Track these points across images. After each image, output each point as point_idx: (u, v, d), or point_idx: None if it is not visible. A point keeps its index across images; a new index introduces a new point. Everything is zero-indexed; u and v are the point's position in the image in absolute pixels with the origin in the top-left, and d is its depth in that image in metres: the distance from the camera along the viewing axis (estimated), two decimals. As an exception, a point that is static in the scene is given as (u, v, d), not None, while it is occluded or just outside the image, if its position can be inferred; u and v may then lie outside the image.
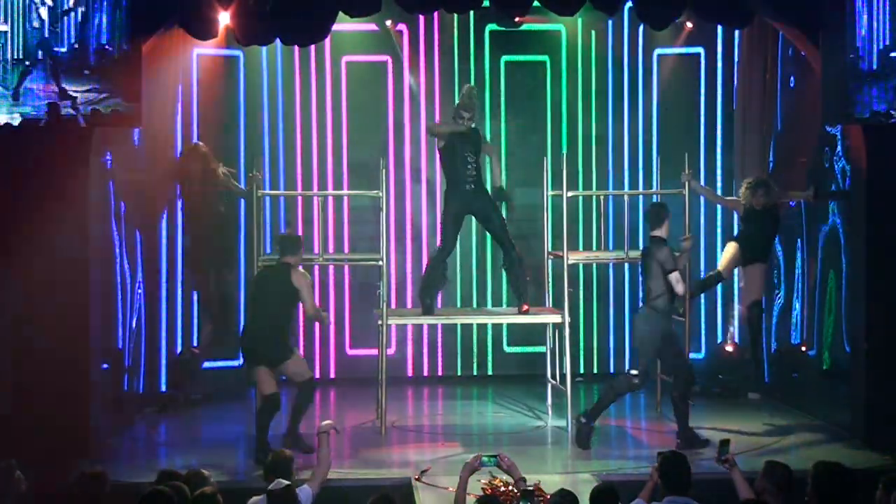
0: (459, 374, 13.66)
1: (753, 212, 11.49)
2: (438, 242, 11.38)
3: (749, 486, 6.95)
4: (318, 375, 12.94)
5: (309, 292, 10.08)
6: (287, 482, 7.14)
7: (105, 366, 10.66)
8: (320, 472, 7.75)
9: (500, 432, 11.18)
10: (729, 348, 12.97)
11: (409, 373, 13.58)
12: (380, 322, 10.97)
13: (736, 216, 12.88)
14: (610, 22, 13.41)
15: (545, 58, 13.67)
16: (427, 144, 13.55)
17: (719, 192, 13.19)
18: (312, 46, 12.99)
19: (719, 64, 13.33)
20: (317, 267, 12.91)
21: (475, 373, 13.70)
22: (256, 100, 13.24)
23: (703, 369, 12.70)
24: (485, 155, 11.47)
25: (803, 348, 11.87)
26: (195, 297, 12.60)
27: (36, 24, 9.68)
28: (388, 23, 13.00)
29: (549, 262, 11.93)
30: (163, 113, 11.68)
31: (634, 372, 10.36)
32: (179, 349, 12.68)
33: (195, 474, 7.33)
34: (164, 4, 10.25)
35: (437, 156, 11.42)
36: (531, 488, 7.92)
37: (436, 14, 12.87)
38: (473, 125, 11.23)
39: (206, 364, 12.61)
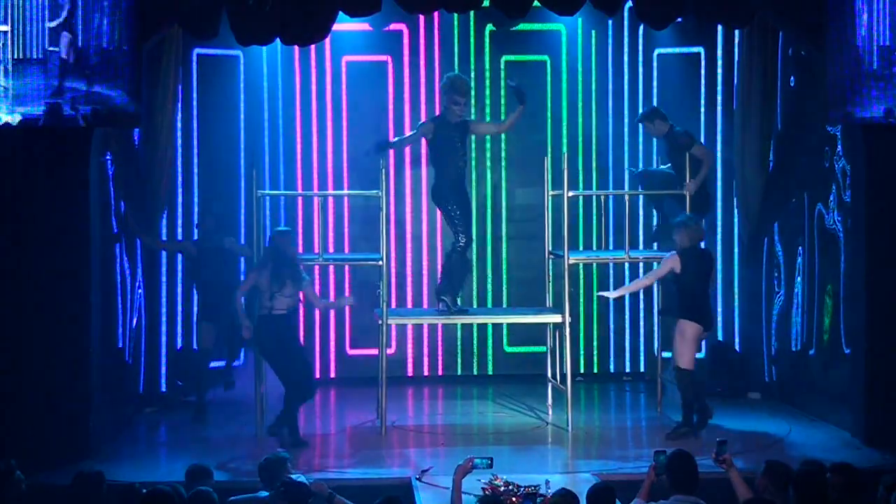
0: (459, 373, 13.65)
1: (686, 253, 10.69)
2: (461, 237, 11.24)
3: (747, 487, 6.94)
4: (318, 375, 12.96)
5: None
6: (303, 479, 7.15)
7: (105, 366, 10.66)
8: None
9: (500, 432, 11.18)
10: None
11: (410, 372, 13.57)
12: (380, 322, 10.98)
13: (737, 216, 12.90)
14: (610, 22, 13.40)
15: (545, 57, 13.66)
16: (427, 144, 13.53)
17: (719, 191, 13.24)
18: (312, 46, 12.98)
19: (719, 64, 13.33)
20: (317, 267, 12.92)
21: (475, 372, 13.69)
22: (256, 100, 13.23)
23: (704, 369, 12.69)
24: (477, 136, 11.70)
25: (803, 348, 11.86)
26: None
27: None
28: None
29: (550, 262, 11.93)
30: (163, 113, 11.66)
31: None
32: (180, 348, 12.71)
33: (198, 469, 7.34)
34: (164, 4, 10.25)
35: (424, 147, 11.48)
36: (533, 490, 7.94)
37: (436, 14, 12.87)
38: (465, 117, 11.32)
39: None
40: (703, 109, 13.41)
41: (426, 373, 13.60)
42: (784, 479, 6.80)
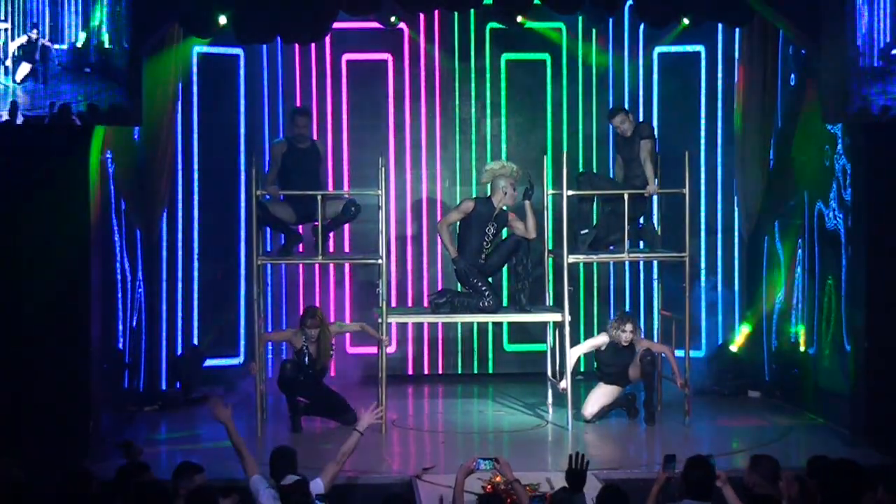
0: (460, 372, 13.65)
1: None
2: (490, 299, 11.29)
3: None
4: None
5: None
6: (298, 476, 7.17)
7: (105, 365, 10.66)
8: (334, 468, 8.07)
9: (501, 431, 11.18)
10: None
11: (410, 371, 13.57)
12: (380, 321, 10.98)
13: (737, 215, 12.90)
14: (610, 20, 13.39)
15: (545, 56, 13.65)
16: (427, 143, 13.55)
17: (718, 190, 13.26)
18: (313, 45, 12.99)
19: (719, 62, 13.32)
20: (317, 266, 12.93)
21: (475, 371, 13.70)
22: (256, 99, 13.23)
23: (703, 368, 12.69)
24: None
25: (803, 347, 11.86)
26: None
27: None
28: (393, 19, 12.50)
29: (549, 261, 11.93)
30: (163, 112, 11.67)
31: None
32: (180, 348, 12.72)
33: (190, 467, 7.33)
34: (164, 3, 10.24)
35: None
36: (534, 489, 7.93)
37: (436, 12, 12.86)
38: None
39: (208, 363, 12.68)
40: (703, 109, 13.41)
41: (426, 371, 13.61)
42: (773, 472, 6.79)
